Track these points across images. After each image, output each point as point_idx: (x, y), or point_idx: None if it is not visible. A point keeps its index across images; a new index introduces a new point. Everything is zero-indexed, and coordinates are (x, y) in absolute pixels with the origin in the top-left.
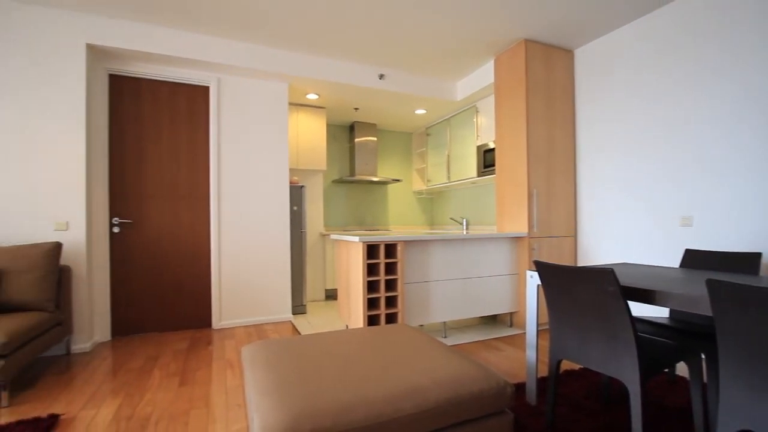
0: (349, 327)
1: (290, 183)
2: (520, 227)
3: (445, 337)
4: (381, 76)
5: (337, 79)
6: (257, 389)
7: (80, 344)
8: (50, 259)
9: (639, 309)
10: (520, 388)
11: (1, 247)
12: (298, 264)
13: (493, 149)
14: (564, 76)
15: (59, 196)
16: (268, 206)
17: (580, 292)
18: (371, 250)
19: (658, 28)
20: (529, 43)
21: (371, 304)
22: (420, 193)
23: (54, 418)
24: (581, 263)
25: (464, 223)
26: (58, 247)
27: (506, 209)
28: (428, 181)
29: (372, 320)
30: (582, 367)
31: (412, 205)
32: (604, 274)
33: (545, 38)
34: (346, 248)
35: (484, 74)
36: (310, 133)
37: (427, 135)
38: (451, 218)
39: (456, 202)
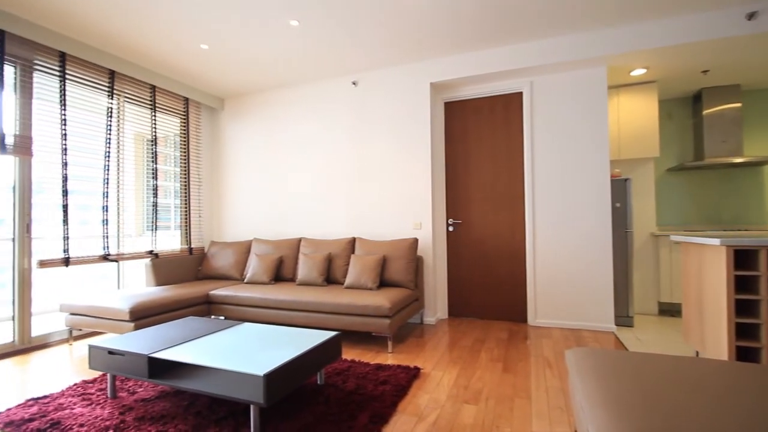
0: (700, 355)
1: (611, 176)
2: None
3: None
4: (751, 15)
5: (676, 41)
6: (589, 399)
7: (428, 318)
8: (412, 250)
9: None
10: None
11: (385, 241)
12: (623, 269)
13: None
14: None
15: (416, 202)
16: (585, 204)
17: None
18: (742, 257)
19: None
20: None
21: (742, 331)
22: None
23: (417, 370)
24: None
25: None
26: (416, 241)
27: None
28: None
29: (742, 354)
30: None
31: None
32: None
33: None
34: (696, 253)
35: None
36: (634, 116)
37: None
38: None
39: None
